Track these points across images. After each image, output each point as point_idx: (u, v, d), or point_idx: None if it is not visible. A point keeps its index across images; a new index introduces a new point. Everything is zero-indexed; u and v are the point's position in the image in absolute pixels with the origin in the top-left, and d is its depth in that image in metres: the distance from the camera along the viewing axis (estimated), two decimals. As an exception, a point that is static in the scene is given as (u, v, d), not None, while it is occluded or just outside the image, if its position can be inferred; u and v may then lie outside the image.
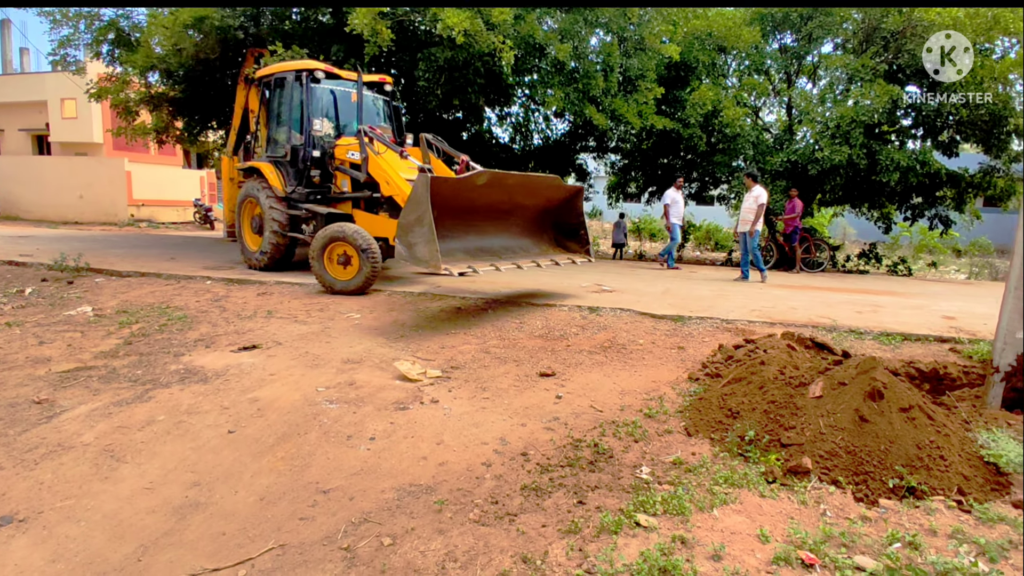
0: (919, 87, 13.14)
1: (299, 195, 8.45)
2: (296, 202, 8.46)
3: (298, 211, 8.43)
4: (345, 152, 8.20)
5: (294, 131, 8.54)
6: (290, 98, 8.56)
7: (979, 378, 4.96)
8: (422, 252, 5.77)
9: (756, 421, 3.84)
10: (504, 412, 4.25)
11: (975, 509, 3.04)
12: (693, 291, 8.34)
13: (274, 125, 8.94)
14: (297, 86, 8.39)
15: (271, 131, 8.96)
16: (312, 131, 8.31)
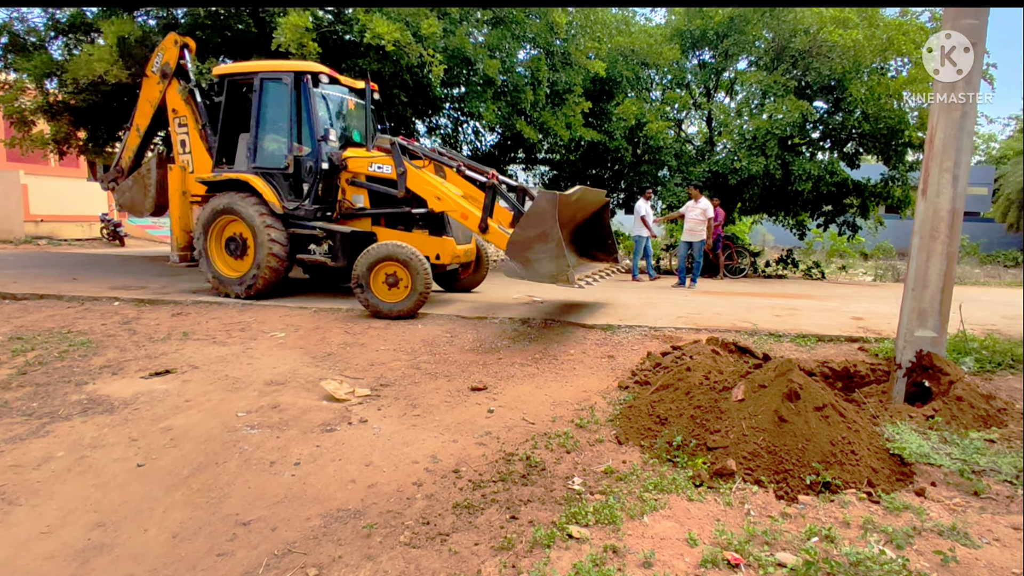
0: (825, 102, 14.07)
1: (305, 212, 7.66)
2: (301, 220, 7.68)
3: (303, 230, 7.64)
4: (366, 165, 7.66)
5: (293, 140, 7.70)
6: (285, 102, 7.67)
7: (885, 375, 5.29)
8: (547, 267, 5.99)
9: (683, 426, 3.93)
10: (435, 429, 4.17)
11: (883, 499, 3.21)
12: (622, 300, 8.52)
13: (260, 132, 7.87)
14: (294, 89, 7.57)
15: (258, 139, 7.86)
16: (327, 141, 7.63)
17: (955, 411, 4.24)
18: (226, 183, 7.81)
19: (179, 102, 8.56)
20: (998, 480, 3.36)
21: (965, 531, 2.89)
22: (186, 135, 8.53)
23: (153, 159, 9.00)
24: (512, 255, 6.13)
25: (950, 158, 4.80)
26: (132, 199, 9.17)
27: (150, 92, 8.67)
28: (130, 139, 9.11)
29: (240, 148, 8.13)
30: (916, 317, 4.87)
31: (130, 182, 9.11)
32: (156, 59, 8.41)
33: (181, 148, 8.56)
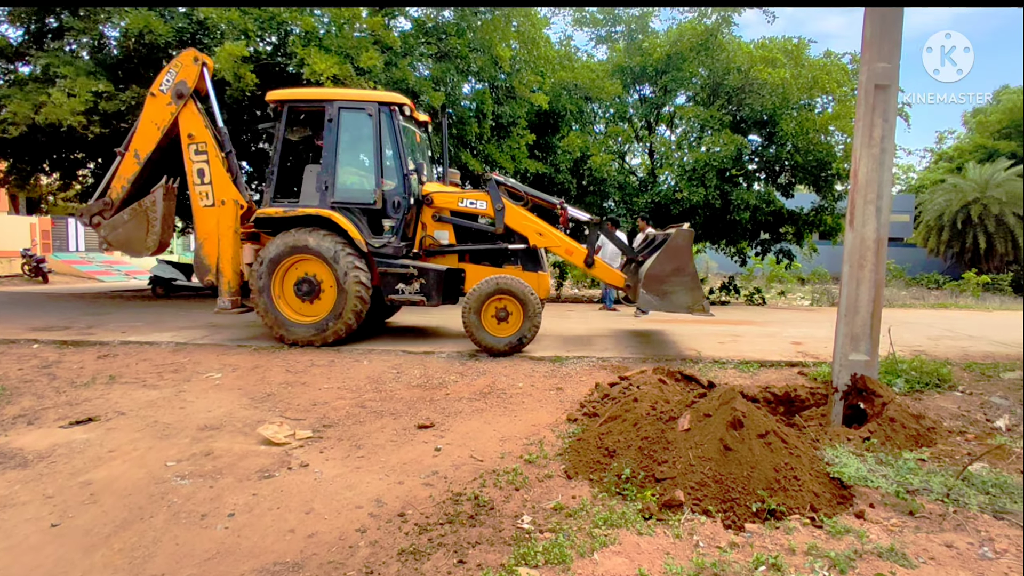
0: (759, 136, 14.78)
1: (394, 250, 7.27)
2: (388, 258, 7.26)
3: (390, 268, 7.24)
4: (455, 200, 7.44)
5: (379, 174, 7.26)
6: (368, 133, 7.28)
7: (823, 398, 5.45)
8: (683, 299, 6.52)
9: (632, 458, 3.92)
10: (380, 471, 4.02)
11: (826, 524, 3.26)
12: (570, 330, 8.57)
13: (337, 164, 7.32)
14: (376, 121, 7.18)
15: (335, 172, 7.27)
16: (419, 176, 7.38)
17: (889, 432, 4.40)
18: (297, 219, 7.17)
19: (197, 126, 7.52)
20: (931, 499, 3.47)
21: (903, 552, 2.96)
22: (205, 163, 7.55)
23: (160, 190, 7.79)
24: (649, 288, 6.50)
25: (873, 191, 5.07)
26: (127, 236, 7.80)
27: (157, 113, 7.55)
28: (124, 166, 7.77)
29: (308, 181, 7.51)
30: (849, 342, 5.06)
31: (125, 216, 7.75)
32: (167, 77, 7.49)
33: (198, 178, 7.54)
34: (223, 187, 7.50)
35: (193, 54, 7.53)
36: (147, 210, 7.75)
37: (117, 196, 7.78)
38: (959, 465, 3.93)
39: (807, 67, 13.98)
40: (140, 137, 7.63)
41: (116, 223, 7.77)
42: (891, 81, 5.14)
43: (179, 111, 7.45)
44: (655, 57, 14.27)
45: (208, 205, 7.53)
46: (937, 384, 5.72)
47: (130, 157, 7.70)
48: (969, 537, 3.15)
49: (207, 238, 7.54)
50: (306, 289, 7.14)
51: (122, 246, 7.93)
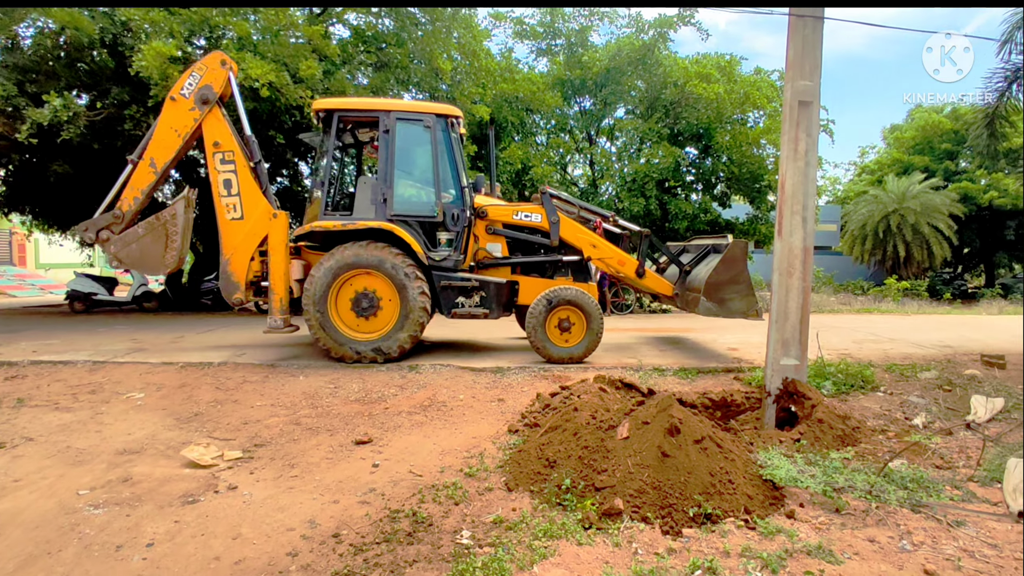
0: (695, 149, 15.28)
1: (454, 263, 7.18)
2: (447, 272, 7.15)
3: (449, 281, 7.13)
4: (509, 213, 7.39)
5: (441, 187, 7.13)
6: (426, 145, 7.15)
7: (758, 402, 5.62)
8: (739, 305, 7.02)
9: (572, 468, 3.91)
10: (315, 490, 3.87)
11: (759, 525, 3.33)
12: (512, 339, 8.55)
13: (395, 177, 7.05)
14: (434, 132, 7.07)
15: (393, 184, 7.01)
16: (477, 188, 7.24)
17: (818, 433, 4.57)
18: (354, 233, 6.90)
19: (224, 134, 7.02)
20: (855, 496, 3.60)
21: (830, 548, 3.06)
22: (232, 174, 7.03)
23: (181, 202, 7.13)
24: (709, 296, 6.89)
25: (799, 202, 5.29)
26: (142, 253, 7.10)
27: (177, 119, 6.95)
28: (138, 176, 7.05)
29: (363, 193, 7.20)
30: (780, 347, 5.25)
31: (140, 231, 7.07)
32: (190, 80, 6.93)
33: (225, 189, 7.01)
34: (252, 199, 7.05)
35: (220, 57, 7.08)
36: (165, 224, 7.08)
37: (129, 209, 7.07)
38: (881, 462, 4.12)
39: (739, 83, 14.58)
40: (157, 144, 7.01)
41: (129, 238, 7.07)
42: (813, 98, 5.39)
43: (203, 117, 6.96)
44: (594, 70, 14.56)
45: (236, 218, 7.04)
46: (862, 385, 5.99)
47: (144, 166, 7.02)
48: (890, 531, 3.29)
49: (235, 253, 7.03)
50: (365, 305, 6.89)
51: (136, 264, 7.23)
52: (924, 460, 4.32)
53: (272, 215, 7.03)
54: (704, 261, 7.68)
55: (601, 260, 7.64)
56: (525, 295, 7.35)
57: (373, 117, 7.13)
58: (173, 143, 6.99)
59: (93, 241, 7.13)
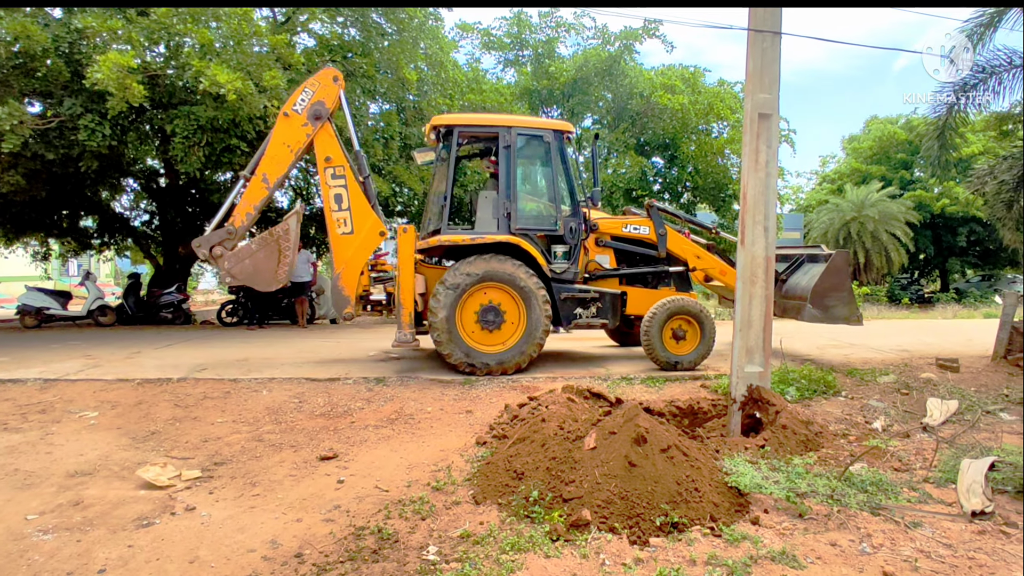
0: (662, 158, 15.52)
1: (573, 275, 7.33)
2: (566, 283, 7.30)
3: (572, 293, 7.31)
4: (619, 226, 7.66)
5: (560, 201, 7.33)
6: (546, 160, 7.37)
7: (724, 409, 5.69)
8: (842, 312, 7.27)
9: (540, 479, 3.89)
10: (277, 508, 3.77)
11: (724, 532, 3.36)
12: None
13: (516, 191, 7.14)
14: (553, 147, 7.22)
15: (515, 199, 7.10)
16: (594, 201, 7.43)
17: (782, 439, 4.64)
18: (479, 247, 6.96)
19: (335, 149, 7.06)
20: (817, 501, 3.66)
21: (793, 554, 3.09)
22: (343, 189, 7.07)
23: (293, 217, 7.12)
24: (815, 303, 7.19)
25: (761, 212, 5.40)
26: (256, 268, 7.04)
27: (290, 135, 6.99)
28: (252, 192, 7.02)
29: (484, 207, 7.25)
30: (745, 355, 5.33)
31: (254, 246, 7.04)
32: (302, 96, 6.99)
33: (336, 204, 7.02)
34: (362, 213, 7.08)
35: (332, 73, 7.10)
36: (278, 239, 7.02)
37: (242, 224, 7.02)
38: (842, 466, 4.20)
39: (703, 94, 14.89)
40: (270, 160, 6.98)
41: (242, 254, 7.01)
42: (772, 110, 5.52)
43: (316, 133, 6.97)
44: (562, 81, 14.71)
45: (346, 233, 7.06)
46: (824, 391, 6.12)
47: (257, 182, 6.99)
48: (850, 534, 3.35)
49: (346, 267, 7.03)
50: (491, 317, 6.92)
51: (249, 279, 7.13)
52: (883, 463, 4.42)
53: (380, 231, 7.16)
54: (800, 270, 8.02)
55: (705, 270, 7.99)
56: (634, 305, 7.61)
57: (493, 133, 7.23)
58: (285, 159, 7.03)
59: (206, 258, 7.07)
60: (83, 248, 15.62)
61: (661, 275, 7.94)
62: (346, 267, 7.06)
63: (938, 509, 3.68)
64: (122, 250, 16.41)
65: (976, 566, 3.07)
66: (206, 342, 9.27)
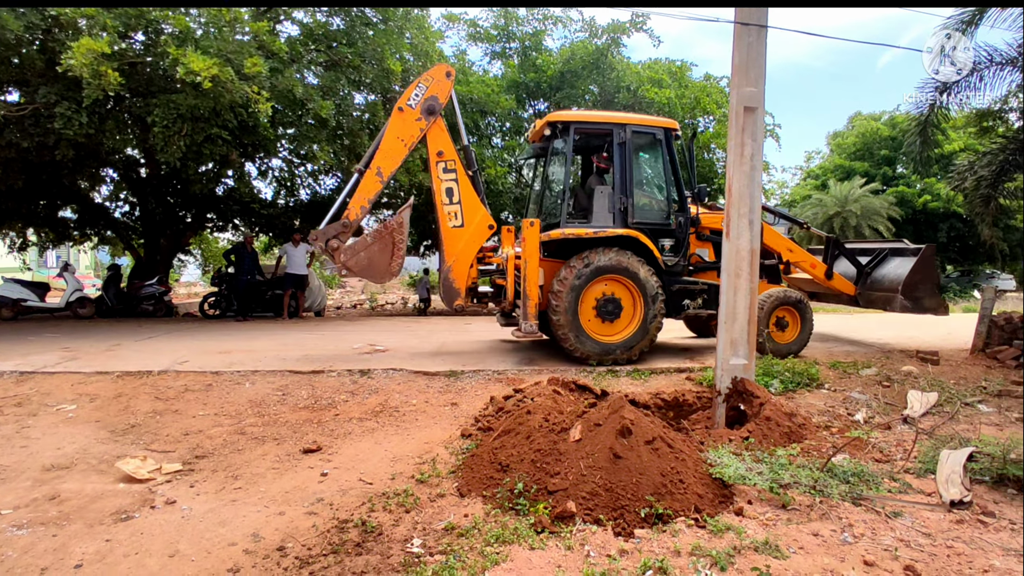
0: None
1: (682, 268, 7.66)
2: (676, 276, 7.62)
3: (683, 284, 7.67)
4: (719, 220, 7.62)
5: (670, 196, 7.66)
6: (657, 157, 7.76)
7: (709, 401, 5.72)
8: (931, 303, 7.71)
9: (525, 472, 3.88)
10: (259, 502, 3.73)
11: (708, 523, 3.37)
12: (467, 344, 8.49)
13: (631, 187, 7.34)
14: (664, 144, 7.51)
15: (631, 194, 7.30)
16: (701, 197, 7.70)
17: (765, 430, 4.67)
18: (596, 240, 7.12)
19: (447, 144, 7.23)
20: (800, 492, 3.69)
21: (776, 544, 3.11)
22: (453, 182, 7.25)
23: (407, 211, 7.20)
24: (906, 295, 7.60)
25: (746, 205, 5.41)
26: (371, 261, 7.09)
27: (404, 129, 7.09)
28: (366, 185, 7.08)
29: (599, 202, 7.37)
30: (730, 347, 5.35)
31: (369, 239, 7.09)
32: (416, 91, 7.08)
33: (447, 197, 7.21)
34: (472, 207, 7.29)
35: (445, 69, 7.25)
36: (392, 232, 7.07)
37: (356, 218, 7.09)
38: (825, 458, 4.24)
39: (690, 88, 14.91)
40: (384, 154, 7.06)
41: (358, 247, 7.06)
42: (758, 104, 5.53)
43: (429, 128, 7.11)
44: (549, 74, 14.65)
45: (457, 226, 7.27)
46: (807, 383, 6.17)
47: (372, 175, 7.03)
48: (832, 525, 3.38)
49: (456, 260, 7.26)
50: (610, 309, 7.15)
51: (363, 272, 7.17)
52: (865, 454, 4.46)
53: (489, 224, 7.38)
54: (886, 263, 8.44)
55: (797, 263, 8.38)
56: None
57: (607, 130, 7.40)
58: (399, 153, 7.13)
59: (323, 250, 7.09)
60: (62, 239, 15.32)
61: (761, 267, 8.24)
62: (456, 260, 7.27)
63: (918, 499, 3.72)
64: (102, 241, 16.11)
65: (954, 554, 3.11)
66: (188, 335, 9.15)
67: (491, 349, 8.03)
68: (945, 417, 5.30)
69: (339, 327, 10.52)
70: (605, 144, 7.64)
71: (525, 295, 6.94)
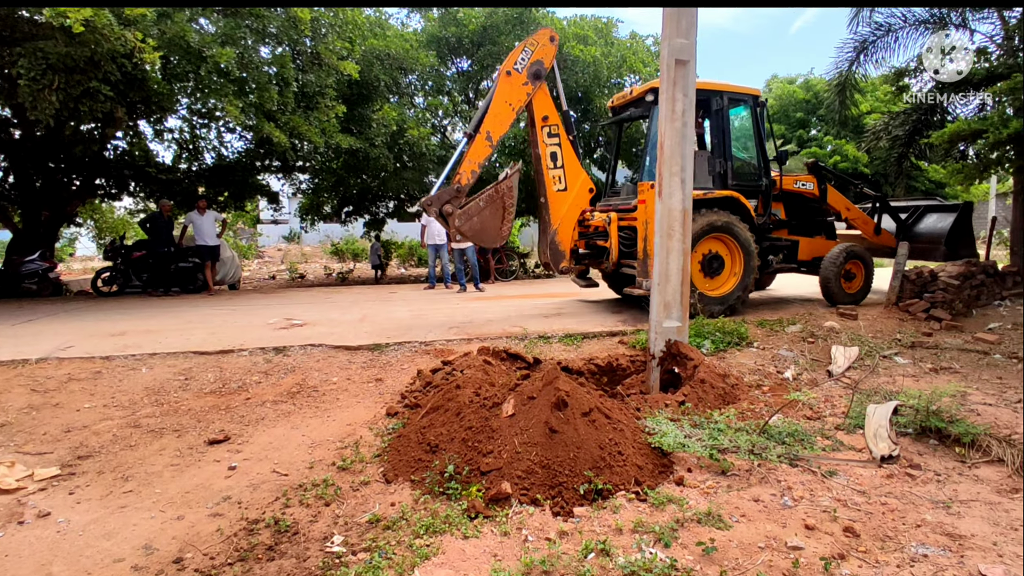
0: (575, 112, 15.24)
1: (768, 227, 8.19)
2: (763, 233, 8.08)
3: (769, 242, 8.22)
4: (791, 182, 8.40)
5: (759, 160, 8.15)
6: (748, 123, 8.25)
7: (643, 365, 5.61)
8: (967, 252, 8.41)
9: (456, 452, 3.62)
10: (154, 506, 3.28)
11: (650, 496, 3.23)
12: (392, 314, 8.07)
13: (728, 151, 7.76)
14: (754, 111, 8.02)
15: (727, 156, 7.73)
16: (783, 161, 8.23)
17: (700, 393, 4.59)
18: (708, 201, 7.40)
19: (551, 108, 7.29)
20: (739, 457, 3.61)
21: (719, 514, 3.00)
22: (557, 147, 7.47)
23: (516, 175, 7.16)
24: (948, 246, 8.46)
25: (677, 163, 5.23)
26: (483, 225, 7.03)
27: (512, 93, 7.05)
28: (476, 149, 6.97)
29: (699, 164, 7.54)
30: (663, 309, 5.23)
31: (481, 203, 6.96)
32: (522, 56, 7.03)
33: (551, 162, 7.43)
34: (574, 170, 7.55)
35: (549, 33, 7.20)
36: (503, 196, 7.08)
37: (468, 182, 7.00)
38: (759, 418, 4.20)
39: (616, 47, 14.65)
40: (493, 118, 7.04)
41: (471, 211, 6.98)
42: (690, 57, 5.31)
43: (535, 92, 7.19)
44: (471, 28, 14.01)
45: (561, 190, 7.52)
46: (738, 343, 6.19)
47: (481, 139, 7.00)
48: (772, 488, 3.31)
49: (561, 223, 7.55)
50: (715, 265, 7.58)
51: (476, 236, 7.18)
52: (797, 412, 4.48)
53: (590, 188, 7.67)
54: (926, 218, 9.23)
55: (853, 220, 9.00)
56: (803, 252, 8.58)
57: (706, 97, 7.69)
58: (508, 116, 7.16)
59: (438, 215, 7.01)
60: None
61: (818, 225, 8.83)
62: (562, 223, 7.57)
63: (850, 456, 3.73)
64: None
65: (888, 511, 3.10)
66: (77, 315, 8.21)
67: (417, 317, 7.66)
68: (867, 371, 5.43)
69: (254, 301, 9.81)
70: (701, 110, 8.04)
71: (646, 255, 7.15)
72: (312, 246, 26.90)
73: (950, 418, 3.98)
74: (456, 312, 8.12)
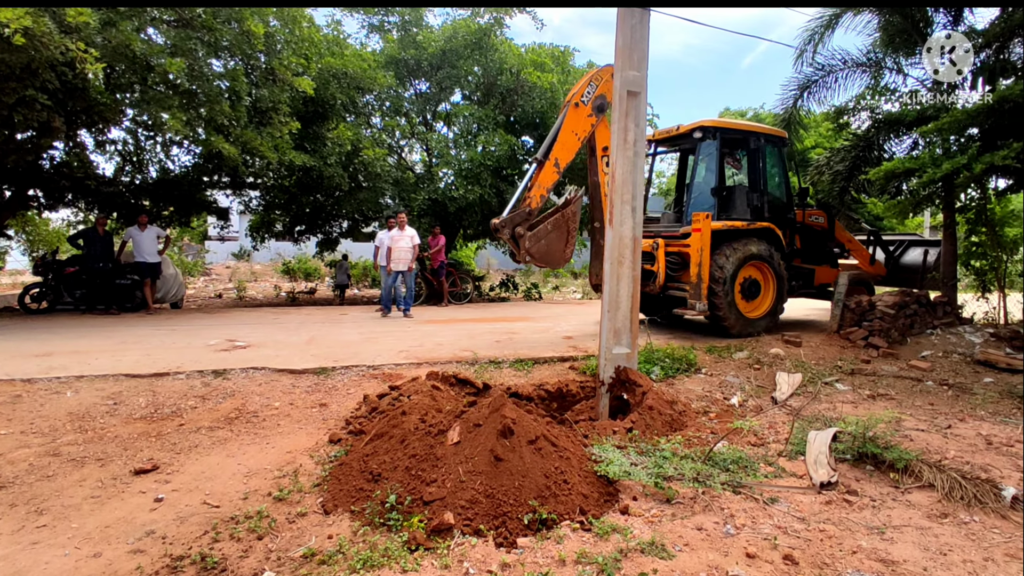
0: (531, 137, 15.42)
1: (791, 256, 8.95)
2: (789, 262, 8.82)
3: (797, 269, 9.07)
4: (806, 216, 9.20)
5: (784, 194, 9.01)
6: (777, 161, 9.02)
7: (593, 390, 5.62)
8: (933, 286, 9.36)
9: (399, 481, 3.51)
10: (70, 542, 3.05)
11: (594, 526, 3.19)
12: (340, 337, 7.88)
13: (763, 185, 8.65)
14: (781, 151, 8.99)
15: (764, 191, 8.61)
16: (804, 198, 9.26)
17: (648, 420, 4.61)
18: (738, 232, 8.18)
19: (610, 141, 7.08)
20: (684, 485, 3.62)
21: (662, 543, 2.99)
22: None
23: (579, 200, 7.43)
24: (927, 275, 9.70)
25: (628, 191, 5.32)
26: (549, 248, 7.16)
27: (578, 124, 7.35)
28: (544, 175, 7.20)
29: (738, 198, 8.67)
30: (612, 336, 5.26)
31: (549, 227, 7.12)
32: (588, 89, 7.30)
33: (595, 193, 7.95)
34: None
35: (611, 70, 6.96)
36: (568, 220, 7.29)
37: (537, 206, 7.20)
38: (705, 445, 4.24)
39: (572, 75, 14.94)
40: (561, 146, 7.33)
41: (540, 235, 7.13)
42: (641, 88, 5.45)
43: (598, 124, 7.49)
44: (430, 51, 14.07)
45: None
46: (686, 369, 6.27)
47: (550, 166, 7.26)
48: (715, 516, 3.32)
49: None
50: (754, 290, 8.35)
51: (543, 258, 7.25)
52: (741, 438, 4.54)
53: None
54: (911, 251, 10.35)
55: (852, 253, 9.92)
56: (817, 279, 9.38)
57: (744, 136, 8.67)
58: (574, 145, 7.45)
59: (509, 238, 7.13)
60: None
61: (826, 254, 9.58)
62: None
63: (791, 483, 3.79)
64: None
65: (826, 537, 3.15)
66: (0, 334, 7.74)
67: (366, 340, 7.49)
68: (809, 397, 5.57)
69: (196, 320, 9.44)
70: (740, 148, 8.89)
71: (699, 279, 7.85)
72: (263, 264, 26.23)
73: (885, 444, 4.09)
74: (407, 336, 7.99)
